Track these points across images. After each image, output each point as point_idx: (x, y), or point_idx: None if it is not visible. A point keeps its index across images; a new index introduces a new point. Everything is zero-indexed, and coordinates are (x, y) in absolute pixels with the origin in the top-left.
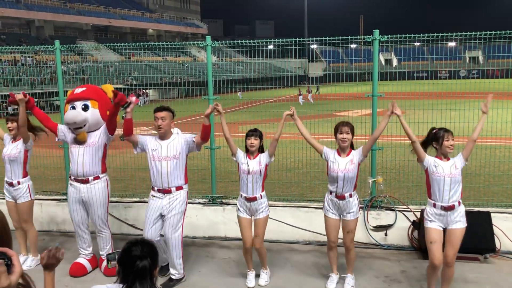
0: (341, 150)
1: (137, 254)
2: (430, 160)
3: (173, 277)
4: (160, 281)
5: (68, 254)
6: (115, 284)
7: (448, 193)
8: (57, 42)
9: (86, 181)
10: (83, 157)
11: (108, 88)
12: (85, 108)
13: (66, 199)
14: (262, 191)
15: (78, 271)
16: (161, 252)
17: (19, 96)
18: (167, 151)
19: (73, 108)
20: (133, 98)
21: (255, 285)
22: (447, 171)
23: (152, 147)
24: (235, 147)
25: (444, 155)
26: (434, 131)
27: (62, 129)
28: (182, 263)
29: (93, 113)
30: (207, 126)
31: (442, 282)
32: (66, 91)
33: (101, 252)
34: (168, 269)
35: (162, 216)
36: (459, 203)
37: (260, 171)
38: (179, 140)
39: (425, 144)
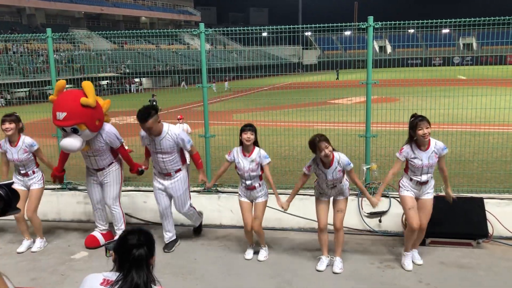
0: (326, 162)
1: (133, 243)
2: (408, 153)
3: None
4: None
5: (61, 244)
6: (111, 272)
7: (425, 175)
8: (49, 30)
9: (101, 169)
10: (95, 160)
11: (89, 89)
12: (75, 131)
13: (61, 188)
14: (260, 180)
15: (91, 243)
16: (190, 218)
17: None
18: (160, 146)
19: (64, 130)
20: (144, 167)
21: (251, 258)
22: (425, 162)
23: (147, 142)
24: (230, 160)
25: (422, 144)
26: (412, 119)
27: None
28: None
29: (85, 134)
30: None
31: (415, 241)
32: (58, 80)
33: (115, 228)
34: (200, 231)
35: (168, 192)
36: (431, 177)
37: (256, 169)
38: (170, 140)
39: (409, 132)
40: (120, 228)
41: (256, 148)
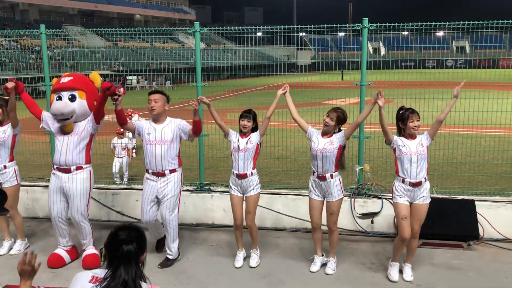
0: (324, 133)
1: (123, 238)
2: (397, 140)
3: (169, 257)
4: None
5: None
6: (101, 270)
7: (415, 170)
8: (42, 26)
9: (68, 171)
10: (67, 146)
11: (96, 77)
12: (72, 98)
13: None
14: (253, 168)
15: (55, 262)
16: (156, 229)
17: (9, 85)
18: (161, 135)
19: (59, 98)
20: (121, 90)
21: (242, 265)
22: (413, 149)
23: (147, 131)
24: (227, 129)
25: (410, 135)
26: (401, 111)
27: (45, 117)
28: (178, 244)
29: (81, 104)
30: (196, 122)
31: (408, 253)
32: (52, 77)
33: (82, 244)
34: (164, 244)
35: (157, 199)
36: (425, 179)
37: (251, 149)
38: (173, 125)
39: (397, 125)
40: (88, 245)
41: (253, 133)
